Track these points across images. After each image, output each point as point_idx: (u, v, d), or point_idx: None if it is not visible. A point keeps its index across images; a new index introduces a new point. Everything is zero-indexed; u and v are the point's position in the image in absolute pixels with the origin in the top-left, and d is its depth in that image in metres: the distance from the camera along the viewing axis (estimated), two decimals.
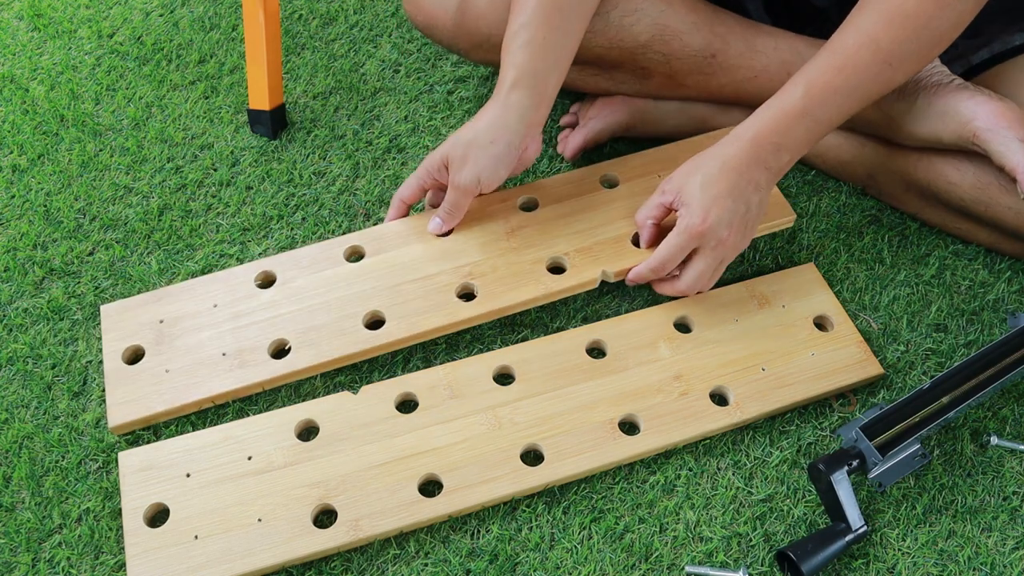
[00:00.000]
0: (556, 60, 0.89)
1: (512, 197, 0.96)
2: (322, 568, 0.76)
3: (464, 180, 0.89)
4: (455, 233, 0.94)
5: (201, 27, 1.21)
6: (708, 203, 0.84)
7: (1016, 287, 0.96)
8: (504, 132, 0.88)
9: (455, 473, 0.79)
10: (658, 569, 0.77)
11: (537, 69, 0.88)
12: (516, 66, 0.88)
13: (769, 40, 0.97)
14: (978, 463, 0.83)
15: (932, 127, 0.90)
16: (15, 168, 1.06)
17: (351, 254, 0.93)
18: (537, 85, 0.88)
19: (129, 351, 0.87)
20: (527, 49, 0.88)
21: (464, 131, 0.89)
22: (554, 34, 0.88)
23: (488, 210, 0.95)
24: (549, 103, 0.91)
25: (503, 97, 0.88)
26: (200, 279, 0.91)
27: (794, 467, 0.83)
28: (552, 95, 0.91)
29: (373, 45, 1.19)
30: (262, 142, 1.08)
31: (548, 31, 0.87)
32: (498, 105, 0.88)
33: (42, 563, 0.77)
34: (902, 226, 1.00)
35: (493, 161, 0.88)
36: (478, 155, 0.88)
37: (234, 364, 0.85)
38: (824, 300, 0.91)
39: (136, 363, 0.86)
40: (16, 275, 0.96)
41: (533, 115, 0.89)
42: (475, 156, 0.88)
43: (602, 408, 0.83)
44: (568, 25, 0.89)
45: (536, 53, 0.88)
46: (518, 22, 0.88)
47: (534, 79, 0.88)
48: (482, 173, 0.88)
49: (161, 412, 0.83)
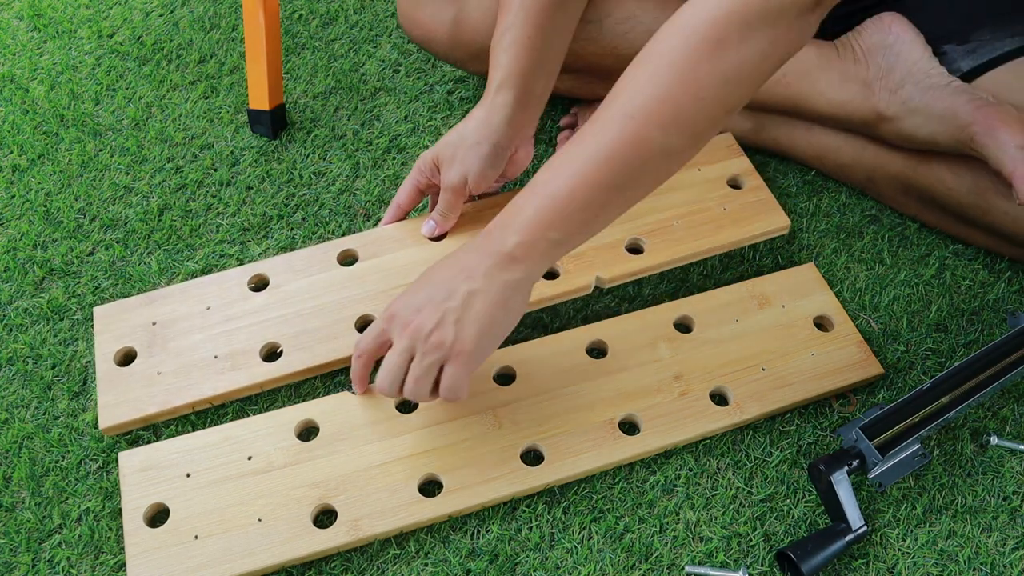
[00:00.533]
0: (542, 60, 0.89)
1: (505, 202, 0.96)
2: (322, 568, 0.76)
3: (452, 179, 0.89)
4: (449, 237, 0.94)
5: (201, 27, 1.21)
6: (405, 292, 0.76)
7: (1016, 287, 0.96)
8: (490, 133, 0.88)
9: (455, 473, 0.79)
10: (658, 569, 0.77)
11: (523, 69, 0.88)
12: (502, 67, 0.88)
13: None
14: (978, 463, 0.83)
15: (929, 130, 0.90)
16: (15, 168, 1.06)
17: (344, 258, 0.93)
18: (523, 85, 0.88)
19: (121, 352, 0.87)
20: (512, 50, 0.88)
21: (453, 132, 0.90)
22: (539, 34, 0.88)
23: (482, 215, 0.95)
24: (538, 104, 0.91)
25: (490, 99, 0.89)
26: (193, 281, 0.91)
27: (794, 467, 0.83)
28: (541, 96, 0.91)
29: (373, 45, 1.19)
30: (262, 142, 1.08)
31: (533, 31, 0.87)
32: (485, 107, 0.89)
33: (42, 563, 0.77)
34: (902, 226, 1.00)
35: (480, 161, 0.88)
36: (465, 155, 0.88)
37: (226, 367, 0.85)
38: (824, 300, 0.91)
39: (128, 365, 0.86)
40: (16, 275, 0.96)
41: (520, 116, 0.89)
42: (462, 156, 0.88)
43: (602, 408, 0.83)
44: (554, 24, 0.89)
45: (521, 54, 0.88)
46: (504, 24, 0.89)
47: (520, 80, 0.88)
48: (469, 172, 0.88)
49: (153, 414, 0.83)
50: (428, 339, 0.72)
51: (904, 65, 0.92)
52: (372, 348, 0.77)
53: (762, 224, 0.95)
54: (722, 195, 0.97)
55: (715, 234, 0.94)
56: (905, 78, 0.91)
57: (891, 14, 0.94)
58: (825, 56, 0.95)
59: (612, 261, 0.92)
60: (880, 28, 0.94)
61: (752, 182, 0.98)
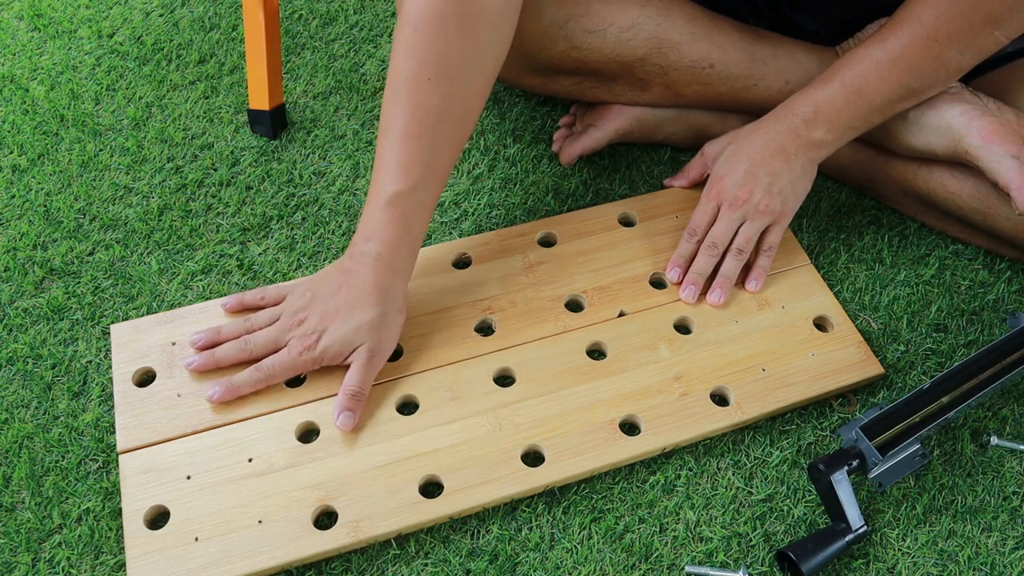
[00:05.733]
0: (423, 204, 0.81)
1: (530, 232, 0.96)
2: (322, 568, 0.77)
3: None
4: (473, 266, 0.93)
5: (201, 27, 1.21)
6: (725, 162, 0.91)
7: (1016, 287, 0.96)
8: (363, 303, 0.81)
9: (456, 474, 0.79)
10: (658, 569, 0.77)
11: (397, 239, 0.81)
12: (378, 229, 0.80)
13: (767, 48, 0.96)
14: (978, 463, 0.83)
15: (926, 140, 0.90)
16: (15, 168, 1.06)
17: None
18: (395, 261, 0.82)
19: (139, 373, 0.85)
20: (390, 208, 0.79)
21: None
22: (429, 136, 0.79)
23: (506, 244, 0.95)
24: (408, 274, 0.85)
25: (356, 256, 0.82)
26: (213, 302, 0.89)
27: (794, 467, 0.83)
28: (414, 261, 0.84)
29: (373, 45, 1.19)
30: (262, 142, 1.08)
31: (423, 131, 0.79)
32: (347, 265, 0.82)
33: (42, 563, 0.77)
34: (902, 226, 1.00)
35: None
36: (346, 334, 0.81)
37: None
38: (824, 300, 0.91)
39: (147, 385, 0.84)
40: (16, 275, 0.96)
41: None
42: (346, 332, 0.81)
43: (602, 409, 0.83)
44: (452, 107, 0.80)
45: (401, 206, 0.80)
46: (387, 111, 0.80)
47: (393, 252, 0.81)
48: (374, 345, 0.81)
49: (172, 438, 0.81)
50: (757, 207, 0.89)
51: None
52: (704, 224, 0.92)
53: (781, 261, 0.95)
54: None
55: None
56: None
57: None
58: (827, 63, 0.95)
59: (636, 294, 0.91)
60: None
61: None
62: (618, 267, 0.94)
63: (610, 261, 0.94)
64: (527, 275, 0.93)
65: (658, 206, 0.99)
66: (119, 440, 0.80)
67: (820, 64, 0.96)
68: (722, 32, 0.96)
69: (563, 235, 0.96)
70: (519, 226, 0.97)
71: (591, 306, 0.91)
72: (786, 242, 0.96)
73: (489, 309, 0.90)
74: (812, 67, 0.96)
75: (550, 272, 0.93)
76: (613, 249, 0.95)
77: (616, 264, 0.94)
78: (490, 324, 0.89)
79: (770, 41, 0.97)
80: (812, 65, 0.96)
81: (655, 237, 0.96)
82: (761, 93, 0.97)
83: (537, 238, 0.96)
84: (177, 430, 0.81)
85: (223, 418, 0.82)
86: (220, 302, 0.88)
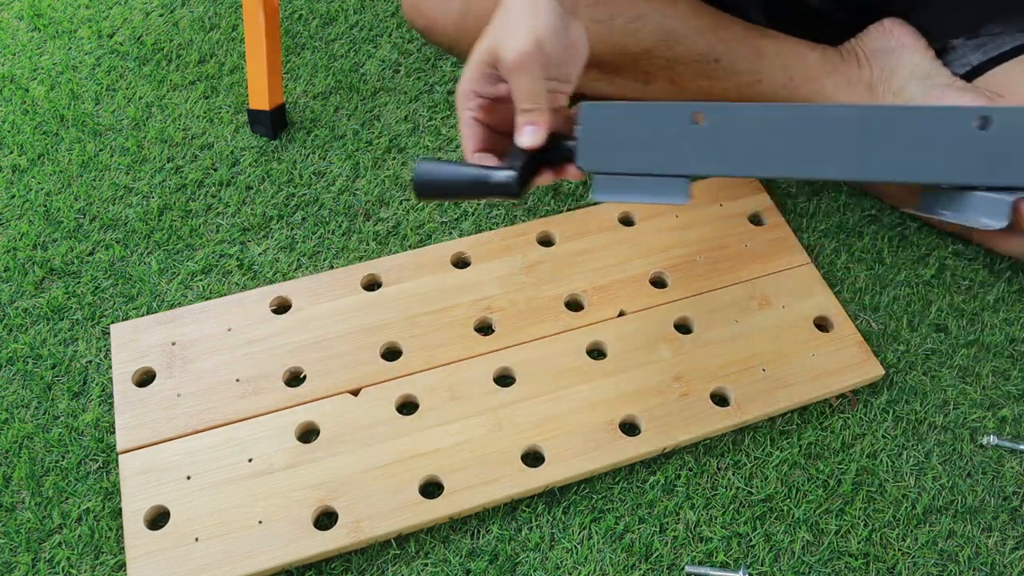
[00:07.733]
0: None
1: (529, 231, 0.96)
2: (322, 568, 0.77)
3: (520, 48, 0.67)
4: (473, 266, 0.93)
5: (201, 27, 1.21)
6: None
7: (1016, 287, 0.96)
8: (536, 4, 0.68)
9: (456, 474, 0.79)
10: (658, 569, 0.77)
11: None
12: None
13: (772, 44, 0.97)
14: (978, 463, 0.83)
15: None
16: (15, 168, 1.06)
17: (368, 283, 0.93)
18: None
19: (139, 373, 0.85)
20: None
21: (492, 27, 0.70)
22: None
23: (506, 243, 0.95)
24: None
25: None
26: (213, 302, 0.90)
27: (794, 467, 0.83)
28: None
29: (373, 45, 1.19)
30: (262, 142, 1.08)
31: None
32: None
33: (42, 563, 0.77)
34: (902, 226, 1.00)
35: (549, 16, 0.68)
36: (522, 21, 0.68)
37: (248, 391, 0.84)
38: (824, 300, 0.91)
39: (146, 385, 0.84)
40: (16, 275, 0.96)
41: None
42: (522, 23, 0.68)
43: (602, 409, 0.83)
44: None
45: None
46: None
47: None
48: (539, 32, 0.67)
49: (171, 438, 0.81)
50: None
51: (906, 68, 0.92)
52: None
53: (782, 261, 0.95)
54: (744, 232, 0.97)
55: (737, 270, 0.94)
56: (907, 81, 0.92)
57: (893, 20, 0.94)
58: (830, 60, 0.96)
59: (636, 294, 0.91)
60: (882, 33, 0.94)
61: (773, 219, 0.98)
62: (618, 267, 0.94)
63: (610, 260, 0.94)
64: (527, 275, 0.93)
65: (658, 205, 0.99)
66: (119, 440, 0.80)
67: (823, 63, 0.96)
68: (727, 27, 0.96)
69: (563, 234, 0.96)
70: (519, 225, 0.97)
71: (591, 306, 0.91)
72: (786, 242, 0.96)
73: (489, 308, 0.90)
74: (816, 64, 0.96)
75: (550, 272, 0.93)
76: (613, 249, 0.95)
77: (616, 264, 0.94)
78: (490, 323, 0.89)
79: (775, 37, 0.97)
80: (816, 62, 0.96)
81: (655, 237, 0.96)
82: (764, 89, 0.97)
83: (537, 237, 0.96)
84: (177, 430, 0.81)
85: (223, 418, 0.82)
86: None
